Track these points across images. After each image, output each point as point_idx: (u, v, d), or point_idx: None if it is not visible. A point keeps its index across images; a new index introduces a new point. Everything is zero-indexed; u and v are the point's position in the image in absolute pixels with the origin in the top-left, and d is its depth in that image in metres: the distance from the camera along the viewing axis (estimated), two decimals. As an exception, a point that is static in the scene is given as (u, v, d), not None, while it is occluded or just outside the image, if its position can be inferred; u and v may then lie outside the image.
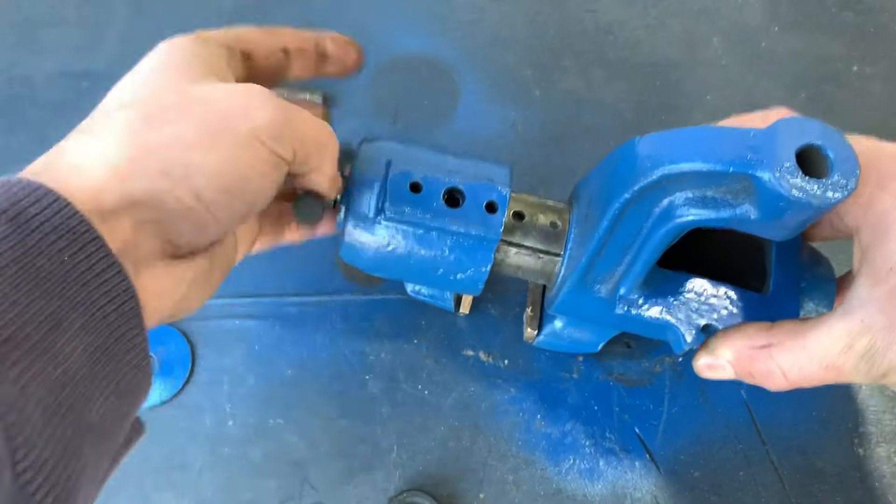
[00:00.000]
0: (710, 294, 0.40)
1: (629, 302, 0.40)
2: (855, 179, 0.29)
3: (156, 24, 0.59)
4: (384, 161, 0.38)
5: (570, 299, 0.41)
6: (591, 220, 0.38)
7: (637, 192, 0.34)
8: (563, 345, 0.48)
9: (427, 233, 0.38)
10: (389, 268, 0.40)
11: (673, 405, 0.49)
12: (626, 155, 0.35)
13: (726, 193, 0.32)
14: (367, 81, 0.58)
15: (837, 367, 0.36)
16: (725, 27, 0.62)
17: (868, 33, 0.62)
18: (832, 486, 0.47)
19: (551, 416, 0.48)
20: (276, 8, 0.60)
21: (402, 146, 0.39)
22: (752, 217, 0.32)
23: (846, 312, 0.36)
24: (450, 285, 0.41)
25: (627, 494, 0.47)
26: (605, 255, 0.38)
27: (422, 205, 0.37)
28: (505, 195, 0.38)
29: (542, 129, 0.57)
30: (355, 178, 0.38)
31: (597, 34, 0.61)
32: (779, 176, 0.29)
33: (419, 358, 0.49)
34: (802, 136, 0.30)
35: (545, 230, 0.40)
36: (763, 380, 0.40)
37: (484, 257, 0.39)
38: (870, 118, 0.58)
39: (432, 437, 0.47)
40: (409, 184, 0.38)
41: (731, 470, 0.47)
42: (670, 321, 0.40)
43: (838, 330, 0.36)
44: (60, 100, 0.56)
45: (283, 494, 0.46)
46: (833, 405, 0.49)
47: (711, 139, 0.32)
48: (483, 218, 0.38)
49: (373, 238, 0.38)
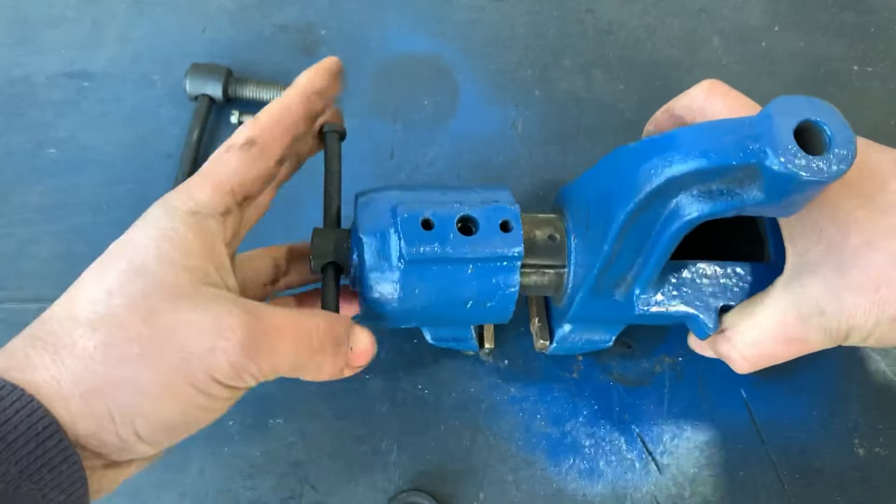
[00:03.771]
0: (721, 275, 0.40)
1: (647, 301, 0.40)
2: (853, 147, 0.29)
3: (156, 24, 0.59)
4: (388, 208, 0.38)
5: (586, 307, 0.41)
6: (595, 229, 0.38)
7: (642, 201, 0.34)
8: (576, 347, 0.47)
9: (449, 266, 0.37)
10: (418, 314, 0.39)
11: (673, 405, 0.49)
12: (624, 163, 0.35)
13: (731, 183, 0.33)
14: (367, 81, 0.58)
15: (794, 338, 0.37)
16: (725, 27, 0.61)
17: (868, 33, 0.62)
18: (832, 486, 0.47)
19: (551, 416, 0.48)
20: (276, 8, 0.60)
21: (400, 191, 0.39)
22: (761, 201, 0.32)
23: (786, 284, 0.37)
24: (481, 316, 0.40)
25: (627, 494, 0.47)
26: (616, 261, 0.38)
27: (438, 239, 0.37)
28: (516, 211, 0.38)
29: (542, 129, 0.57)
30: (361, 233, 0.38)
31: (597, 34, 0.61)
32: (784, 160, 0.29)
33: (419, 358, 0.49)
34: (796, 114, 0.30)
35: (545, 245, 0.40)
36: (729, 363, 0.41)
37: (509, 278, 0.38)
38: (870, 118, 0.58)
39: (432, 437, 0.47)
40: (421, 221, 0.37)
41: (731, 470, 0.47)
42: (690, 311, 0.40)
43: (783, 301, 0.37)
44: (60, 100, 0.56)
45: (283, 494, 0.46)
46: (833, 405, 0.49)
47: (709, 135, 0.32)
48: (501, 238, 0.37)
49: (396, 287, 0.37)
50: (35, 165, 0.53)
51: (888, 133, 0.59)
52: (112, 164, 0.54)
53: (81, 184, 0.53)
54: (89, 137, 0.55)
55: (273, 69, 0.57)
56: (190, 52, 0.58)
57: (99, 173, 0.54)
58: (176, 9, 0.60)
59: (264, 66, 0.58)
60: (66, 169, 0.54)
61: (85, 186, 0.53)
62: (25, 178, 0.53)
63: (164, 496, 0.45)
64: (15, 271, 0.50)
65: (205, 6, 0.60)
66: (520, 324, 0.50)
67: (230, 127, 0.55)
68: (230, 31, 0.59)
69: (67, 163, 0.54)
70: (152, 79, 0.57)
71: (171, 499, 0.45)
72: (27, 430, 0.26)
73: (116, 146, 0.55)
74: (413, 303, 0.38)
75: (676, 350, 0.50)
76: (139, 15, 0.59)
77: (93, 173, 0.54)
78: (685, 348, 0.50)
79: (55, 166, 0.54)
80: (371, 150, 0.55)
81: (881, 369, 0.50)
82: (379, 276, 0.37)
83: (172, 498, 0.45)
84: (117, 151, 0.55)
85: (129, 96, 0.56)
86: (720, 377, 0.50)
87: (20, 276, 0.50)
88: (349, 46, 0.59)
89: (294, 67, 0.58)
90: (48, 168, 0.53)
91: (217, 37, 0.59)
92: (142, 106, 0.56)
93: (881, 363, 0.51)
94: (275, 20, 0.60)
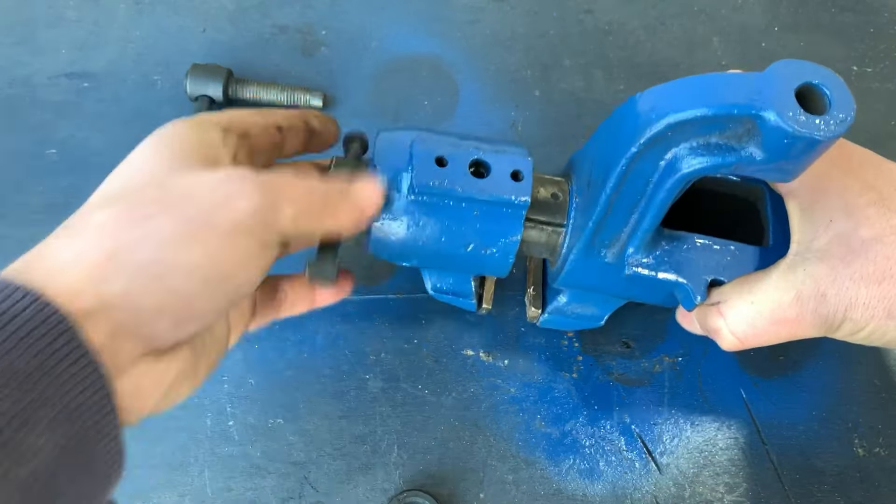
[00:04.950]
0: (716, 250, 0.41)
1: (637, 262, 0.40)
2: (852, 113, 0.30)
3: (156, 25, 0.59)
4: (406, 143, 0.39)
5: (577, 268, 0.41)
6: (595, 186, 0.38)
7: (643, 145, 0.34)
8: (568, 322, 0.47)
9: (457, 204, 0.38)
10: (420, 251, 0.40)
11: (673, 405, 0.49)
12: (627, 112, 0.36)
13: (730, 138, 0.33)
14: (367, 81, 0.58)
15: (789, 320, 0.38)
16: (725, 27, 0.62)
17: (868, 33, 0.62)
18: (832, 486, 0.47)
19: (551, 416, 0.48)
20: (277, 8, 0.60)
21: (421, 131, 0.40)
22: (758, 159, 0.32)
23: (790, 266, 0.38)
24: (480, 263, 0.41)
25: (627, 494, 0.47)
26: (612, 216, 0.38)
27: (449, 177, 0.38)
28: (529, 164, 0.39)
29: (542, 129, 0.57)
30: (377, 161, 0.39)
31: (597, 34, 0.61)
32: (782, 114, 0.30)
33: (419, 358, 0.49)
34: (800, 76, 0.31)
35: (547, 202, 0.41)
36: (715, 337, 0.41)
37: (513, 226, 0.39)
38: (870, 118, 0.58)
39: (432, 437, 0.48)
40: (435, 158, 0.38)
41: (731, 470, 0.47)
42: (679, 280, 0.40)
43: (784, 281, 0.37)
44: (60, 100, 0.56)
45: (283, 494, 0.46)
46: (833, 405, 0.49)
47: (712, 85, 0.32)
48: (511, 185, 0.38)
49: (402, 220, 0.38)
50: (35, 166, 0.53)
51: (888, 133, 0.59)
52: (112, 165, 0.53)
53: (82, 184, 0.53)
54: (89, 137, 0.55)
55: (273, 69, 0.58)
56: (190, 52, 0.58)
57: (99, 174, 0.54)
58: (176, 9, 0.60)
59: (264, 66, 0.58)
60: (67, 169, 0.54)
61: (85, 187, 0.52)
62: (26, 179, 0.53)
63: (165, 496, 0.45)
64: (15, 271, 0.50)
65: (205, 6, 0.60)
66: (520, 324, 0.50)
67: (230, 127, 0.55)
68: (230, 31, 0.59)
69: (68, 163, 0.54)
70: (153, 79, 0.57)
71: (171, 499, 0.45)
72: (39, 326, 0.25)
73: (116, 146, 0.54)
74: (416, 237, 0.39)
75: (676, 350, 0.50)
76: (139, 15, 0.59)
77: (93, 174, 0.53)
78: (685, 348, 0.50)
79: (55, 167, 0.54)
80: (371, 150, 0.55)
81: (882, 369, 0.50)
82: (388, 205, 0.38)
83: (172, 498, 0.45)
84: (117, 152, 0.54)
85: (129, 97, 0.56)
86: (720, 377, 0.50)
87: (20, 276, 0.50)
88: (349, 47, 0.59)
89: (294, 68, 0.58)
90: (48, 168, 0.53)
91: (217, 37, 0.59)
92: (142, 106, 0.56)
93: (885, 360, 0.51)
94: (275, 20, 0.60)
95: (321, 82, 0.58)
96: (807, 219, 0.37)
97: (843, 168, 0.37)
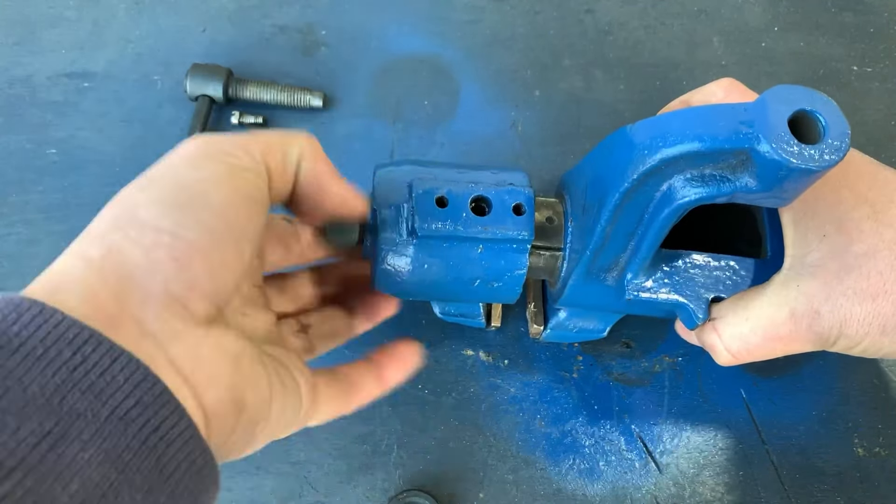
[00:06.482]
0: (714, 267, 0.41)
1: (637, 287, 0.40)
2: (847, 140, 0.30)
3: (156, 25, 0.59)
4: (405, 183, 0.38)
5: (578, 291, 0.41)
6: (590, 211, 0.38)
7: (636, 181, 0.34)
8: (570, 336, 0.48)
9: (461, 244, 0.38)
10: (427, 289, 0.40)
11: (673, 405, 0.49)
12: (620, 143, 0.35)
13: (724, 169, 0.33)
14: (367, 81, 0.58)
15: (783, 337, 0.37)
16: (725, 27, 0.62)
17: (868, 33, 0.62)
18: (832, 486, 0.47)
19: (551, 416, 0.48)
20: (277, 8, 0.60)
21: (418, 166, 0.40)
22: (753, 188, 0.32)
23: (783, 282, 0.37)
24: (488, 295, 0.41)
25: (627, 494, 0.47)
26: (609, 243, 0.38)
27: (451, 217, 0.38)
28: (530, 196, 0.39)
29: (542, 129, 0.57)
30: (378, 205, 0.38)
31: (597, 34, 0.61)
32: (776, 146, 0.29)
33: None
34: (792, 103, 0.30)
35: (543, 226, 0.41)
36: (710, 352, 0.41)
37: (518, 260, 0.39)
38: (870, 118, 0.58)
39: (432, 437, 0.47)
40: (435, 199, 0.38)
41: (731, 470, 0.47)
42: (680, 300, 0.40)
43: (778, 298, 0.37)
44: (60, 100, 0.56)
45: (283, 494, 0.46)
46: (833, 405, 0.49)
47: (704, 118, 0.32)
48: (513, 221, 0.38)
49: (408, 260, 0.38)
50: (35, 165, 0.53)
51: (888, 133, 0.59)
52: (112, 164, 0.54)
53: (82, 184, 0.53)
54: (89, 137, 0.55)
55: (273, 69, 0.58)
56: (190, 52, 0.58)
57: (99, 173, 0.54)
58: (176, 9, 0.60)
59: (264, 66, 0.58)
60: (67, 169, 0.54)
61: (85, 186, 0.53)
62: (26, 179, 0.53)
63: (165, 496, 0.45)
64: (16, 271, 0.50)
65: (205, 6, 0.60)
66: (520, 324, 0.50)
67: (230, 127, 0.55)
68: (230, 31, 0.59)
69: (68, 163, 0.54)
70: (152, 79, 0.57)
71: (172, 499, 0.45)
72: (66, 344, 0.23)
73: (116, 146, 0.55)
74: (422, 277, 0.39)
75: (676, 350, 0.50)
76: (139, 15, 0.59)
77: (93, 173, 0.54)
78: (685, 348, 0.50)
79: (55, 166, 0.54)
80: (371, 150, 0.55)
81: (881, 369, 0.50)
82: (391, 248, 0.38)
83: (172, 498, 0.45)
84: (117, 151, 0.55)
85: (129, 96, 0.56)
86: (720, 377, 0.50)
87: (21, 276, 0.50)
88: (349, 46, 0.59)
89: (294, 68, 0.58)
90: (48, 168, 0.53)
91: (217, 37, 0.59)
92: (142, 106, 0.56)
93: (881, 363, 0.51)
94: (275, 20, 0.60)
95: (321, 82, 0.58)
96: (800, 232, 0.37)
97: (838, 179, 0.37)
